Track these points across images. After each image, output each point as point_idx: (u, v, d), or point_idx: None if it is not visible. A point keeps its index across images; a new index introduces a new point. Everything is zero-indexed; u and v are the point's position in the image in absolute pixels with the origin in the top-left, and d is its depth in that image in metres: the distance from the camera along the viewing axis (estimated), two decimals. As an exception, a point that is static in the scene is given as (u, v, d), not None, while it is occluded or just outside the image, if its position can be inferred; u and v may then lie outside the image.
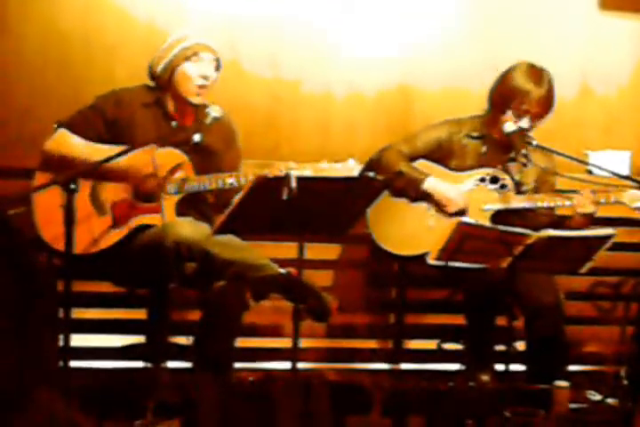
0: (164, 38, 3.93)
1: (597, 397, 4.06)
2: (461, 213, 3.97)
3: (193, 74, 3.73)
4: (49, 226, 3.55)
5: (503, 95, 3.97)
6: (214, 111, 3.69)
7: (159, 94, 3.81)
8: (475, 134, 4.07)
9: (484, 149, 4.05)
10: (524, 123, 3.93)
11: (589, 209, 3.86)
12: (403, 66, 4.76)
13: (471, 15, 4.85)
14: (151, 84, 3.84)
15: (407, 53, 4.75)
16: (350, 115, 4.74)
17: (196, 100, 3.76)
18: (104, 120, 3.75)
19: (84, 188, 3.64)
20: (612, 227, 3.60)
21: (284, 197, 3.12)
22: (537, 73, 3.94)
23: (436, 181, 4.00)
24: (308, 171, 3.52)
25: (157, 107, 3.80)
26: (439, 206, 4.01)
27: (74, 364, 3.32)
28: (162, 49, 3.78)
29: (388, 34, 4.74)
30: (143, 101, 3.80)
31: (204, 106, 3.78)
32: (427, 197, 4.01)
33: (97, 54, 4.51)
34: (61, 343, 3.25)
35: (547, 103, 3.94)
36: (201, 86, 3.73)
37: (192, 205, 3.73)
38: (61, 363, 3.25)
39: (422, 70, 4.77)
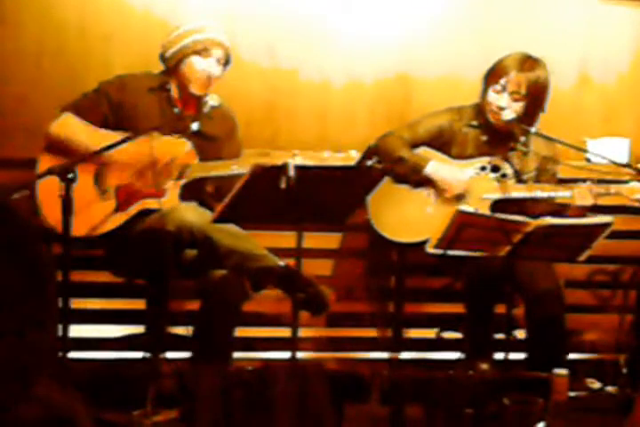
0: (160, 27, 3.96)
1: (597, 385, 4.07)
2: (461, 197, 3.96)
3: (199, 69, 3.74)
4: (53, 210, 3.55)
5: (488, 72, 4.00)
6: (212, 100, 3.71)
7: (164, 79, 3.83)
8: (474, 123, 4.06)
9: (484, 137, 4.05)
10: (503, 101, 3.92)
11: (588, 202, 3.86)
12: (401, 54, 4.74)
13: (470, 3, 4.83)
14: (154, 71, 3.87)
15: (406, 42, 4.73)
16: (349, 103, 4.72)
17: (197, 91, 3.77)
18: (109, 103, 3.77)
19: (89, 171, 3.68)
20: (611, 215, 3.59)
21: (283, 185, 3.11)
22: (526, 59, 3.94)
23: (438, 164, 4.00)
24: (309, 160, 3.51)
25: (162, 92, 3.82)
26: (439, 191, 4.01)
27: (72, 354, 3.32)
28: (176, 34, 3.79)
29: (387, 22, 4.72)
30: (148, 86, 3.82)
31: (206, 94, 3.79)
32: (428, 182, 4.01)
33: (93, 43, 4.49)
34: (60, 334, 3.25)
35: (527, 85, 3.91)
36: (204, 82, 3.74)
37: (192, 193, 3.74)
38: (60, 354, 3.25)
39: (421, 59, 4.75)
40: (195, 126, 3.68)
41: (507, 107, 3.92)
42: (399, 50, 4.72)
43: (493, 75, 3.97)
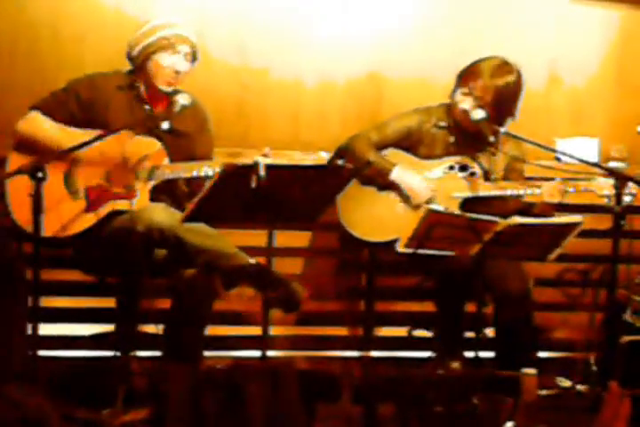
0: (133, 26, 3.91)
1: (567, 383, 4.09)
2: (427, 203, 3.97)
3: (165, 65, 3.73)
4: (22, 210, 3.53)
5: (461, 73, 4.02)
6: (183, 99, 3.67)
7: (133, 78, 3.82)
8: (442, 124, 4.08)
9: (452, 138, 4.07)
10: (467, 104, 3.94)
11: (556, 198, 3.89)
12: (373, 54, 4.76)
13: (441, 4, 4.86)
14: (124, 70, 3.85)
15: (378, 42, 4.76)
16: (320, 103, 4.74)
17: (166, 88, 3.77)
18: (78, 102, 3.75)
19: (59, 171, 3.66)
20: (580, 214, 3.62)
21: (253, 185, 3.11)
22: (500, 66, 3.95)
23: (403, 171, 4.01)
24: (280, 160, 3.50)
25: (131, 90, 3.80)
26: (404, 197, 4.03)
27: (42, 353, 3.31)
28: (142, 32, 3.77)
29: (359, 22, 4.74)
30: (117, 84, 3.80)
31: (176, 92, 3.79)
32: (394, 186, 4.03)
33: (66, 43, 4.49)
34: (30, 332, 3.24)
35: (493, 93, 3.93)
36: (171, 78, 3.73)
37: (165, 191, 3.73)
38: (30, 352, 3.24)
39: (393, 59, 4.78)
40: (165, 125, 3.67)
41: (469, 110, 3.94)
42: (371, 50, 4.75)
43: (465, 77, 3.99)
